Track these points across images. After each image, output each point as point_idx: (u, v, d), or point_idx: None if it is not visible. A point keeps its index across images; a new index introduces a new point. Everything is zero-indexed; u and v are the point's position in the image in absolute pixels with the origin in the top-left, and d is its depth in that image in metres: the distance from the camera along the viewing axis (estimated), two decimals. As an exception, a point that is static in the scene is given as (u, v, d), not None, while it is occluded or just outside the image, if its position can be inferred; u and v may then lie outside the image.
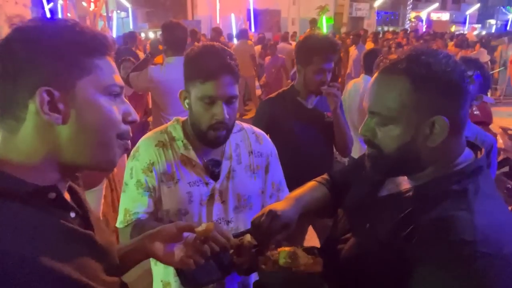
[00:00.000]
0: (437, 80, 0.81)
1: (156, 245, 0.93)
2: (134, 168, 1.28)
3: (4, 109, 0.66)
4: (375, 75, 0.89)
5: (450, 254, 0.74)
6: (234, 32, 9.99)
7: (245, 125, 1.45)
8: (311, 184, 1.27)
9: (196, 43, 1.24)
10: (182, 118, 1.37)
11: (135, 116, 0.77)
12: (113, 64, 0.74)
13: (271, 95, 2.35)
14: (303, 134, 2.11)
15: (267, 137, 1.49)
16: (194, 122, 1.26)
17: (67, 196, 0.75)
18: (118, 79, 0.74)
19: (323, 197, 1.22)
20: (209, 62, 1.18)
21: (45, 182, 0.67)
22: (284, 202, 1.14)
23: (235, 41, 9.01)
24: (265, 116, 2.22)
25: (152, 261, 1.41)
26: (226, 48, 1.24)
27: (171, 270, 1.31)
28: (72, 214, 0.71)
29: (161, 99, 2.82)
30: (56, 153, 0.68)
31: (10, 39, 0.66)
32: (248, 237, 1.11)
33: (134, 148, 1.32)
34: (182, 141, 1.30)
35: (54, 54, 0.65)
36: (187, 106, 1.28)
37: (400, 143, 0.85)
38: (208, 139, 1.25)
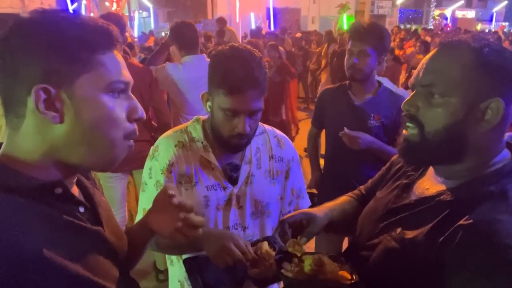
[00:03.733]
0: (506, 66, 0.78)
1: (152, 215, 0.86)
2: (153, 168, 1.25)
3: (7, 106, 0.65)
4: (433, 51, 0.85)
5: (493, 259, 0.69)
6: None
7: (267, 127, 1.39)
8: (343, 198, 1.26)
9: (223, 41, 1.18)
10: (203, 117, 1.32)
11: (142, 113, 0.71)
12: (120, 59, 0.69)
13: (331, 85, 2.34)
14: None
15: (290, 141, 1.43)
16: (215, 127, 1.22)
17: (75, 190, 0.72)
18: (125, 74, 0.68)
19: (353, 211, 1.19)
20: (235, 73, 1.10)
21: (50, 178, 0.65)
22: (316, 208, 1.16)
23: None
24: (318, 104, 2.27)
25: (168, 260, 1.38)
26: (255, 54, 1.14)
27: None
28: (81, 209, 0.69)
29: (178, 98, 2.81)
30: (53, 151, 0.65)
31: (9, 32, 0.63)
32: (265, 246, 1.06)
33: (153, 147, 1.29)
34: (202, 143, 1.26)
35: (52, 49, 0.61)
36: (208, 109, 1.23)
37: (449, 120, 0.80)
38: (229, 146, 1.22)
